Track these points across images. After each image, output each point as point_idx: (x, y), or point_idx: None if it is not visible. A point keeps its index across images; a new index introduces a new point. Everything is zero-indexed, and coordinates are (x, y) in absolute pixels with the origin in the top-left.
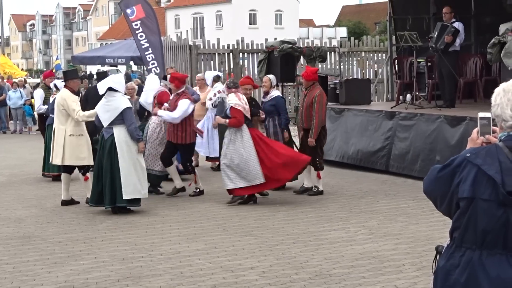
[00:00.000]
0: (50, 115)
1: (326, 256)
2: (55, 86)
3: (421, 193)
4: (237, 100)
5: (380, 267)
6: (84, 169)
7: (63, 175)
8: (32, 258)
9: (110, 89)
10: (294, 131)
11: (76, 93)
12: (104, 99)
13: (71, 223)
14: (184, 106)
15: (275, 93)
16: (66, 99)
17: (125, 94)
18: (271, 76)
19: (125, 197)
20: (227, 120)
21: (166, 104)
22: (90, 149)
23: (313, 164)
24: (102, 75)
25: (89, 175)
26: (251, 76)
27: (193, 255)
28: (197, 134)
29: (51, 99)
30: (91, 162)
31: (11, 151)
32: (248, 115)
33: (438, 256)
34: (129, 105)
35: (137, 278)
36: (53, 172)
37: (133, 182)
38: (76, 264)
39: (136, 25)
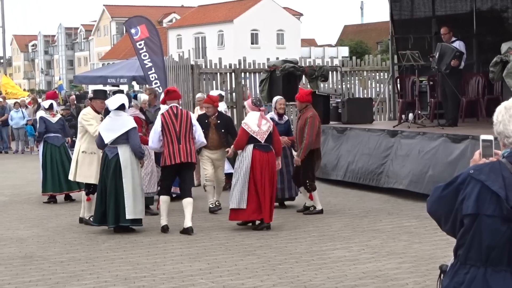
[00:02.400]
0: (53, 134)
1: (329, 275)
2: (51, 106)
3: (424, 212)
4: (251, 120)
5: (383, 286)
6: (90, 189)
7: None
8: (34, 278)
9: (121, 107)
10: None
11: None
12: (109, 118)
13: (73, 243)
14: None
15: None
16: (84, 115)
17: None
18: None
19: (128, 217)
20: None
21: None
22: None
23: (304, 186)
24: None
25: (92, 197)
26: (253, 96)
27: (195, 275)
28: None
29: (52, 120)
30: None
31: (13, 171)
32: (260, 138)
33: (442, 276)
34: (135, 125)
35: None
36: (50, 192)
37: (136, 203)
38: (78, 284)
39: (140, 44)
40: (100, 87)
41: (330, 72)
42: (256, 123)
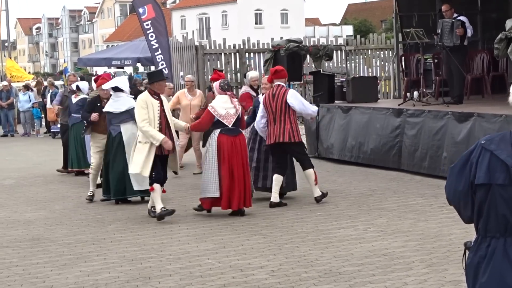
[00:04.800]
0: (73, 114)
1: (336, 254)
2: (77, 87)
3: (430, 190)
4: (218, 103)
5: (389, 264)
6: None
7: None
8: (42, 260)
9: (117, 89)
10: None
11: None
12: (111, 100)
13: (80, 224)
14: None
15: None
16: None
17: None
18: None
19: (135, 188)
20: (187, 125)
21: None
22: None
23: None
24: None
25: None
26: (259, 76)
27: (202, 255)
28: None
29: (74, 100)
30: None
31: (20, 154)
32: (227, 122)
33: (467, 252)
34: (132, 105)
35: (146, 278)
36: (77, 167)
37: (140, 175)
38: (85, 266)
39: (147, 25)
40: (105, 69)
41: (334, 51)
42: (223, 106)
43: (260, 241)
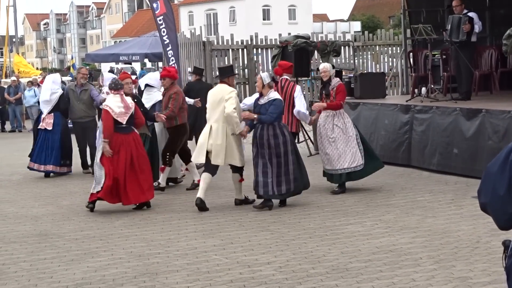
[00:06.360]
0: None
1: (343, 250)
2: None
3: (437, 186)
4: (113, 102)
5: (397, 260)
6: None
7: (204, 175)
8: (49, 256)
9: (148, 85)
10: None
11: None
12: (145, 94)
13: (87, 220)
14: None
15: (274, 94)
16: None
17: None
18: (264, 75)
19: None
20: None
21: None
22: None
23: (163, 158)
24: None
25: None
26: (266, 71)
27: (209, 251)
28: None
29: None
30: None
31: (27, 149)
32: (121, 119)
33: (506, 251)
34: (161, 98)
35: (153, 274)
36: None
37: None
38: (93, 261)
39: (160, 20)
40: (112, 64)
41: (342, 47)
42: (117, 105)
43: (267, 237)
